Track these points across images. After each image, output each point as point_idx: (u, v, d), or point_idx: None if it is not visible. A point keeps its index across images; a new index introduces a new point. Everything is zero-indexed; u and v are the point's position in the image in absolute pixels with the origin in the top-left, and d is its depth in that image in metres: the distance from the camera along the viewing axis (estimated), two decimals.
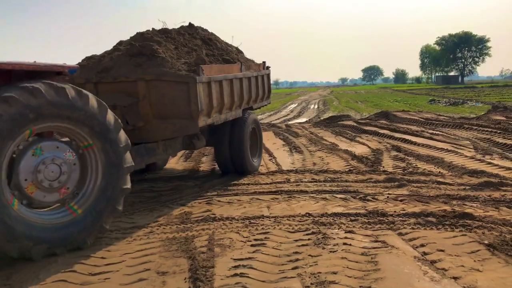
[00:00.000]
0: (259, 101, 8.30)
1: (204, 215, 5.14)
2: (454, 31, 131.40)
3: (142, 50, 5.98)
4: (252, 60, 8.52)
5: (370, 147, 9.93)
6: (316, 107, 32.66)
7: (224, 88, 6.49)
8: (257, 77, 8.00)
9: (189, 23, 7.66)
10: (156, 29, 6.97)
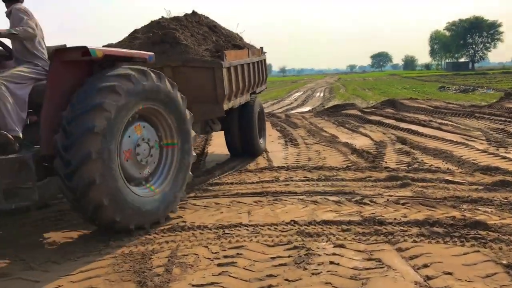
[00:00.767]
0: (260, 85, 8.71)
1: (173, 223, 4.44)
2: (464, 16, 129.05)
3: (165, 37, 6.34)
4: (252, 45, 8.68)
5: (373, 139, 9.17)
6: (321, 95, 31.74)
7: (238, 73, 6.92)
8: (259, 62, 8.45)
9: (192, 11, 7.86)
10: (167, 17, 7.34)
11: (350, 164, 6.78)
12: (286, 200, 5.05)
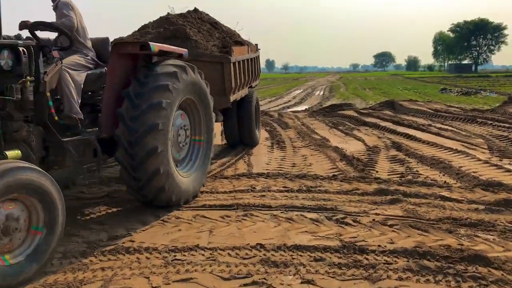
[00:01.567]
0: (255, 80, 9.16)
1: (119, 242, 3.78)
2: (469, 18, 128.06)
3: (176, 33, 6.75)
4: (250, 42, 8.91)
5: (366, 143, 8.50)
6: (321, 93, 30.99)
7: (241, 68, 7.41)
8: (256, 58, 8.92)
9: (194, 8, 8.09)
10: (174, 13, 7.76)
11: (337, 173, 6.12)
12: (257, 216, 4.38)
